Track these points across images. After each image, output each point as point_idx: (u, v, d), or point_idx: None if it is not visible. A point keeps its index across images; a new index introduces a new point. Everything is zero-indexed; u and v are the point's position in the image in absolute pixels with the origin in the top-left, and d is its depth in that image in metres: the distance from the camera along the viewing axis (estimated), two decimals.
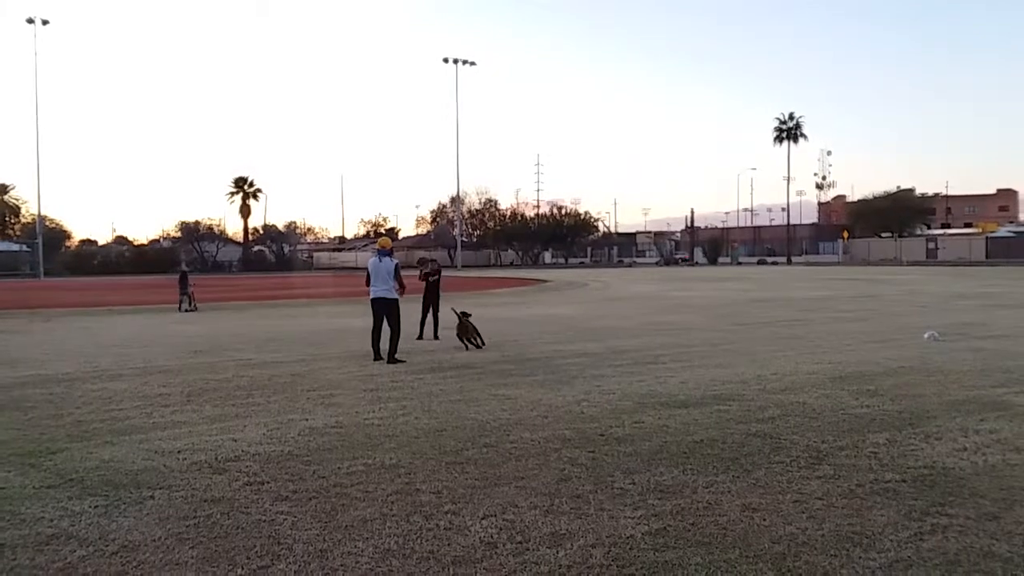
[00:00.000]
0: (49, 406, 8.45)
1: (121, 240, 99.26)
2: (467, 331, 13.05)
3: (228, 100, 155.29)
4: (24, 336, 16.55)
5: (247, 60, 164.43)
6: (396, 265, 11.64)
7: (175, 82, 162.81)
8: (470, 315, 13.32)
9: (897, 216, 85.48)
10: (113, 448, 6.58)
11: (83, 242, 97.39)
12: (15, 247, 75.96)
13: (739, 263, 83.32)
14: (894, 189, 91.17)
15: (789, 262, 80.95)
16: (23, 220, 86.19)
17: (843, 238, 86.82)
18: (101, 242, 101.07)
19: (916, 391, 8.69)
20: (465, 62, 75.90)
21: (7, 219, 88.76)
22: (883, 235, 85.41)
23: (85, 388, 9.57)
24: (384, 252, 11.75)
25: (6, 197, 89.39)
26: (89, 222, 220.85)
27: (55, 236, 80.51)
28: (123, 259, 78.49)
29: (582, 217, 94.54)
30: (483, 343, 13.08)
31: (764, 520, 4.66)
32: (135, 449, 6.53)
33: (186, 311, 23.38)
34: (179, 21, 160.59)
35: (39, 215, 68.37)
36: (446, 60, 75.43)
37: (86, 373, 10.84)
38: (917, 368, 10.33)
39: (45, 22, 60.53)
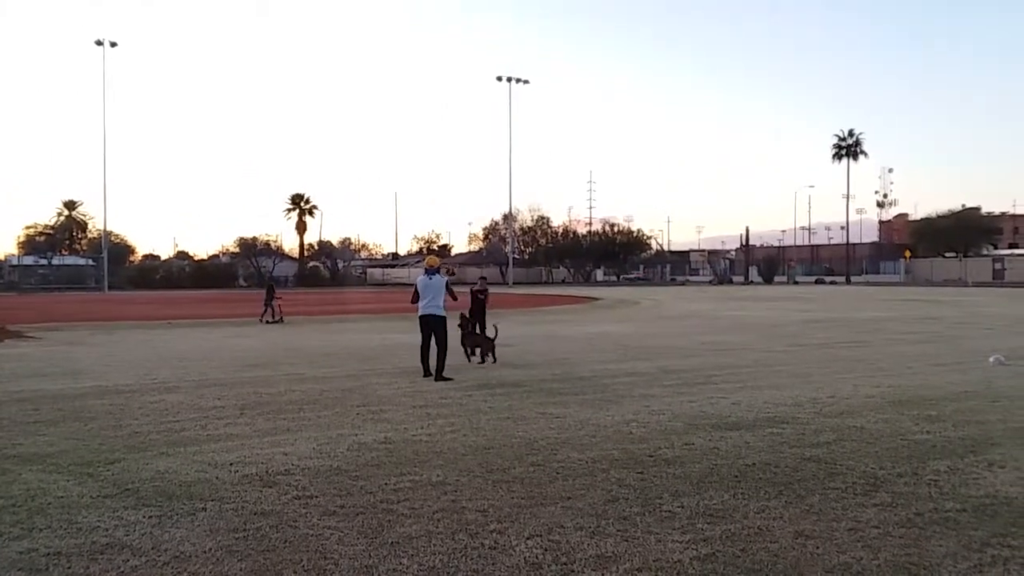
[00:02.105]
0: (109, 417, 8.68)
1: (182, 255, 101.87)
2: (473, 342, 13.50)
3: (286, 119, 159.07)
4: (88, 348, 17.06)
5: (305, 80, 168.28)
6: (446, 282, 11.73)
7: (235, 101, 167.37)
8: (489, 335, 13.75)
9: (962, 235, 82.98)
10: (168, 459, 6.72)
11: (146, 257, 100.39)
12: (82, 261, 78.60)
13: (796, 282, 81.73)
14: (959, 207, 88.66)
15: (848, 282, 79.10)
16: (90, 235, 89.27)
17: (905, 257, 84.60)
18: (163, 257, 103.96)
19: (979, 417, 8.39)
20: (518, 80, 76.29)
21: (75, 234, 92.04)
22: (947, 255, 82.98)
23: (143, 400, 9.81)
24: (432, 270, 11.84)
25: (75, 213, 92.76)
26: (152, 237, 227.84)
27: (120, 251, 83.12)
28: (184, 273, 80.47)
29: (634, 235, 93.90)
30: (484, 360, 13.34)
31: (817, 548, 4.53)
32: (189, 461, 6.66)
33: (268, 323, 24.12)
34: (238, 43, 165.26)
35: (105, 231, 70.62)
36: (499, 78, 75.93)
37: (145, 385, 11.12)
38: (981, 393, 9.98)
39: (113, 44, 62.65)
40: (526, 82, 77.65)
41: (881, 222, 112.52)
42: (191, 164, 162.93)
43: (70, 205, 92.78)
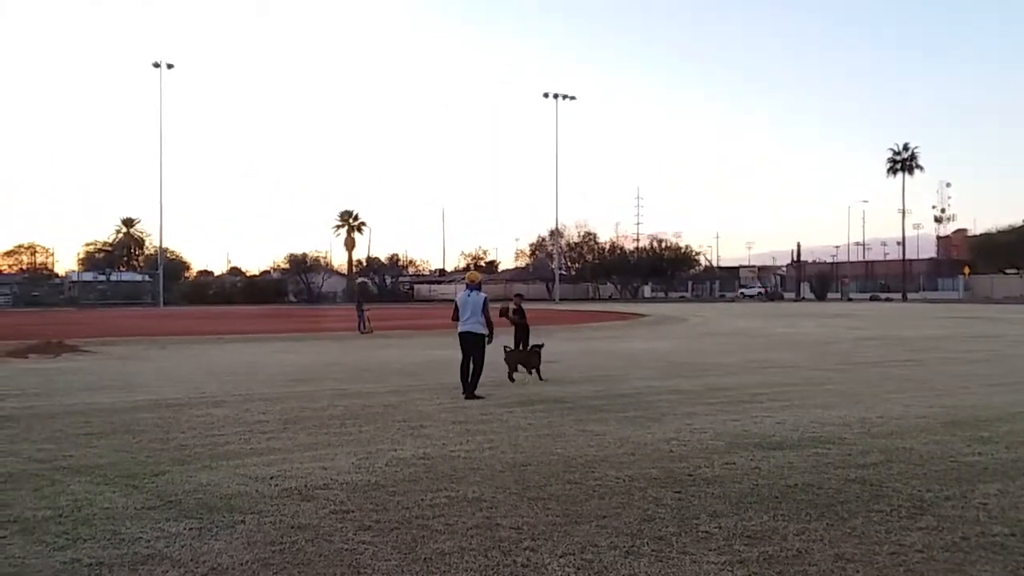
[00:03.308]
0: (157, 430, 8.88)
1: (235, 271, 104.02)
2: (516, 359, 13.53)
3: (337, 136, 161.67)
4: (141, 362, 17.50)
5: (356, 99, 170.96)
6: (485, 299, 11.72)
7: (286, 120, 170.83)
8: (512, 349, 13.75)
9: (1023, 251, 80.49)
10: (211, 472, 6.84)
11: (200, 273, 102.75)
12: (139, 277, 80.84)
13: (849, 299, 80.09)
14: (1020, 222, 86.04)
15: (904, 299, 77.23)
16: (147, 252, 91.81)
17: (964, 274, 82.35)
18: (216, 273, 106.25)
19: None
20: (565, 96, 76.55)
21: (133, 251, 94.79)
22: (1008, 271, 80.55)
23: (191, 413, 10.02)
24: (473, 287, 11.86)
25: (132, 230, 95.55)
26: (206, 254, 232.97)
27: (175, 267, 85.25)
28: (236, 289, 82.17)
29: (683, 251, 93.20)
30: (530, 373, 13.42)
31: (857, 571, 4.42)
32: (231, 474, 6.77)
33: (362, 333, 26.63)
34: (290, 63, 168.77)
35: (160, 247, 72.53)
36: (546, 95, 76.23)
37: (193, 399, 11.35)
38: None
39: (170, 66, 64.56)
40: (573, 98, 77.91)
41: (939, 237, 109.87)
42: (244, 181, 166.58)
43: (128, 223, 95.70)
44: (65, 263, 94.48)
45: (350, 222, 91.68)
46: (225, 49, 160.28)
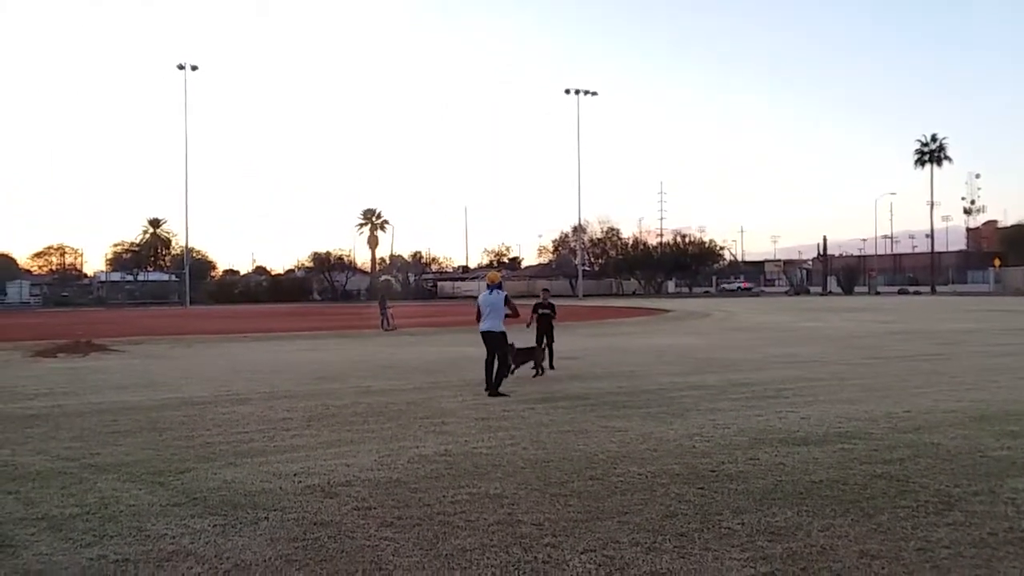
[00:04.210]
0: (182, 427, 8.97)
1: (260, 270, 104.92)
2: (537, 356, 13.50)
3: (360, 135, 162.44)
4: (168, 361, 17.69)
5: (378, 98, 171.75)
6: (506, 296, 11.72)
7: (310, 119, 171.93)
8: (535, 348, 13.75)
9: None
10: (235, 469, 6.90)
11: (226, 272, 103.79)
12: (166, 277, 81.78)
13: (877, 293, 79.13)
14: None
15: (933, 292, 76.19)
16: (173, 252, 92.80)
17: (994, 266, 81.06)
18: (242, 272, 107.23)
19: None
20: (587, 92, 76.24)
21: (159, 251, 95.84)
22: None
23: (216, 411, 10.11)
24: (494, 286, 11.86)
25: (159, 231, 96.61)
26: (231, 253, 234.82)
27: (201, 267, 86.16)
28: (261, 288, 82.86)
29: (707, 245, 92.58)
30: (542, 371, 13.49)
31: (883, 568, 4.36)
32: (255, 471, 6.82)
33: (386, 330, 27.04)
34: (312, 64, 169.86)
35: (187, 247, 73.28)
36: (568, 91, 75.98)
37: (218, 397, 11.46)
38: None
39: (194, 68, 65.18)
40: (594, 94, 77.58)
41: (969, 229, 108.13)
42: (269, 181, 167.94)
43: (155, 223, 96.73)
44: (93, 264, 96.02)
45: (373, 220, 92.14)
46: (250, 50, 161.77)
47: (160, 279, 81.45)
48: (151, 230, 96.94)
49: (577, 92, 75.60)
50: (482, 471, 6.72)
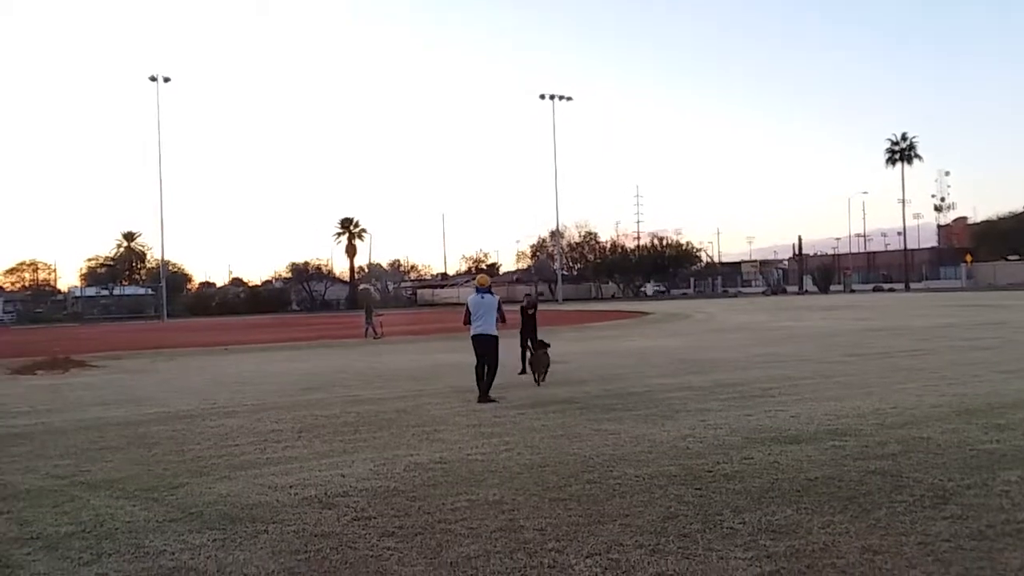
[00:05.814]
0: (171, 442, 8.87)
1: (237, 282, 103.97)
2: (540, 363, 13.00)
3: (334, 144, 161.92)
4: (149, 375, 17.50)
5: (352, 106, 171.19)
6: (498, 300, 11.75)
7: (284, 129, 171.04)
8: (549, 345, 13.36)
9: None
10: (230, 483, 6.83)
11: (203, 284, 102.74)
12: (141, 291, 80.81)
13: (852, 291, 79.99)
14: (1021, 208, 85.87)
15: (907, 288, 77.12)
16: (148, 265, 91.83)
17: (966, 262, 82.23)
18: (219, 284, 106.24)
19: None
20: (561, 97, 76.53)
21: (134, 265, 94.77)
22: (1010, 258, 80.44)
23: (204, 425, 10.01)
24: (483, 289, 11.86)
25: (133, 244, 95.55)
26: (208, 265, 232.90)
27: (177, 280, 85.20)
28: (239, 300, 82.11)
29: (684, 247, 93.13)
30: (541, 381, 12.88)
31: (886, 563, 4.40)
32: (250, 484, 6.77)
33: (374, 339, 26.82)
34: (285, 72, 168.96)
35: (163, 260, 72.57)
36: (543, 96, 76.21)
37: (204, 410, 11.35)
38: None
39: (167, 79, 64.54)
40: (569, 99, 77.98)
41: (940, 226, 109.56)
42: (243, 192, 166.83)
43: (129, 237, 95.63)
44: (67, 279, 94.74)
45: (351, 229, 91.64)
46: (222, 59, 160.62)
47: (136, 293, 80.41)
48: (125, 244, 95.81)
49: (552, 97, 75.92)
50: (479, 477, 6.71)
